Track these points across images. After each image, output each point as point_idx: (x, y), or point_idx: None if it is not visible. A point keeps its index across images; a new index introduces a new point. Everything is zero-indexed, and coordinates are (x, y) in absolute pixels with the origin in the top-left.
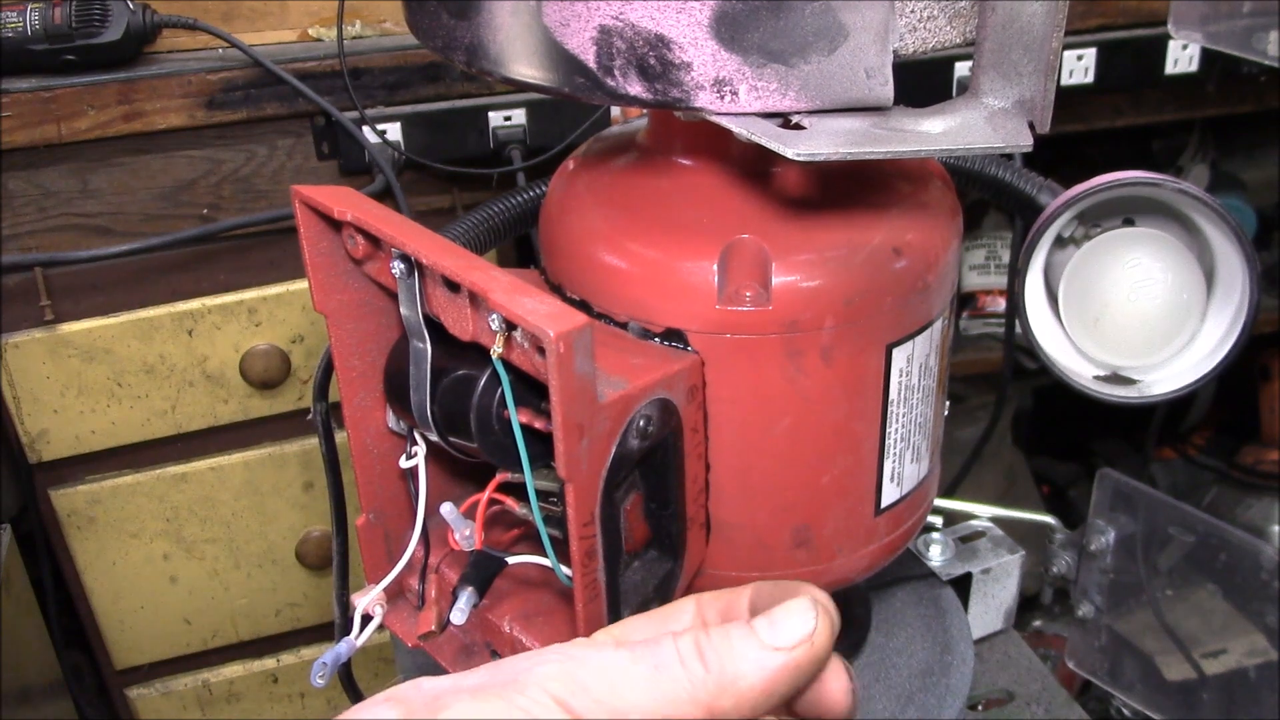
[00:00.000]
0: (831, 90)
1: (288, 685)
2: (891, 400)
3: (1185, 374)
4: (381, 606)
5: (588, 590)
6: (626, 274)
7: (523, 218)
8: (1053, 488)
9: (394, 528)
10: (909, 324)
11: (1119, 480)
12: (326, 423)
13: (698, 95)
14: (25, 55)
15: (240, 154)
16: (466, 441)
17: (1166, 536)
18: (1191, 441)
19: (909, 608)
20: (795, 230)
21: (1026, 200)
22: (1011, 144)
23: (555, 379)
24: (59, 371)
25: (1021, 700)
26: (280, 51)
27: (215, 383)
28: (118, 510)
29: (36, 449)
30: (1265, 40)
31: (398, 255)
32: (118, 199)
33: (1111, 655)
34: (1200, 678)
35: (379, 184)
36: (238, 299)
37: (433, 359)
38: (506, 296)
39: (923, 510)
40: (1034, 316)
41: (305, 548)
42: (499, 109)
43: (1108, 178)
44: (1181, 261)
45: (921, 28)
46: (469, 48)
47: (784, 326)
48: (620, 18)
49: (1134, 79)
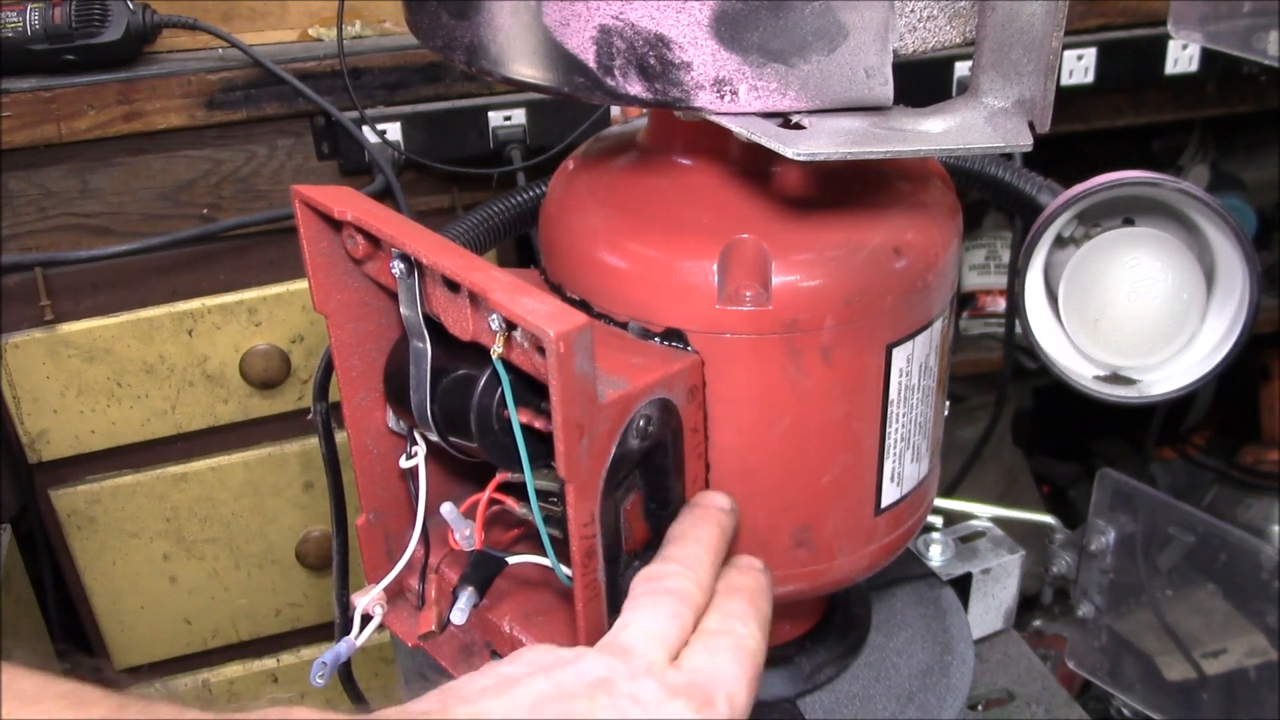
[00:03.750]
0: (831, 90)
1: (288, 685)
2: (891, 400)
3: (1185, 374)
4: (381, 606)
5: (588, 590)
6: (626, 274)
7: (523, 218)
8: (1053, 488)
9: (394, 528)
10: (909, 324)
11: (1119, 480)
12: (326, 423)
13: (698, 95)
14: (25, 55)
15: (240, 154)
16: (466, 441)
17: (1166, 536)
18: (1191, 441)
19: (909, 608)
20: (795, 230)
21: (1026, 200)
22: (1011, 144)
23: (555, 379)
24: (59, 371)
25: (1021, 700)
26: (280, 51)
27: (215, 383)
28: (118, 510)
29: (36, 449)
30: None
31: (398, 255)
32: (118, 199)
33: (1111, 655)
34: (1200, 678)
35: (379, 184)
36: (238, 299)
37: (433, 359)
38: (506, 296)
39: (923, 510)
40: (1034, 316)
41: (305, 548)
42: (499, 109)
43: (1108, 178)
44: (1181, 261)
45: (921, 27)
46: (469, 47)
47: (784, 326)
48: (620, 17)
49: (1134, 79)
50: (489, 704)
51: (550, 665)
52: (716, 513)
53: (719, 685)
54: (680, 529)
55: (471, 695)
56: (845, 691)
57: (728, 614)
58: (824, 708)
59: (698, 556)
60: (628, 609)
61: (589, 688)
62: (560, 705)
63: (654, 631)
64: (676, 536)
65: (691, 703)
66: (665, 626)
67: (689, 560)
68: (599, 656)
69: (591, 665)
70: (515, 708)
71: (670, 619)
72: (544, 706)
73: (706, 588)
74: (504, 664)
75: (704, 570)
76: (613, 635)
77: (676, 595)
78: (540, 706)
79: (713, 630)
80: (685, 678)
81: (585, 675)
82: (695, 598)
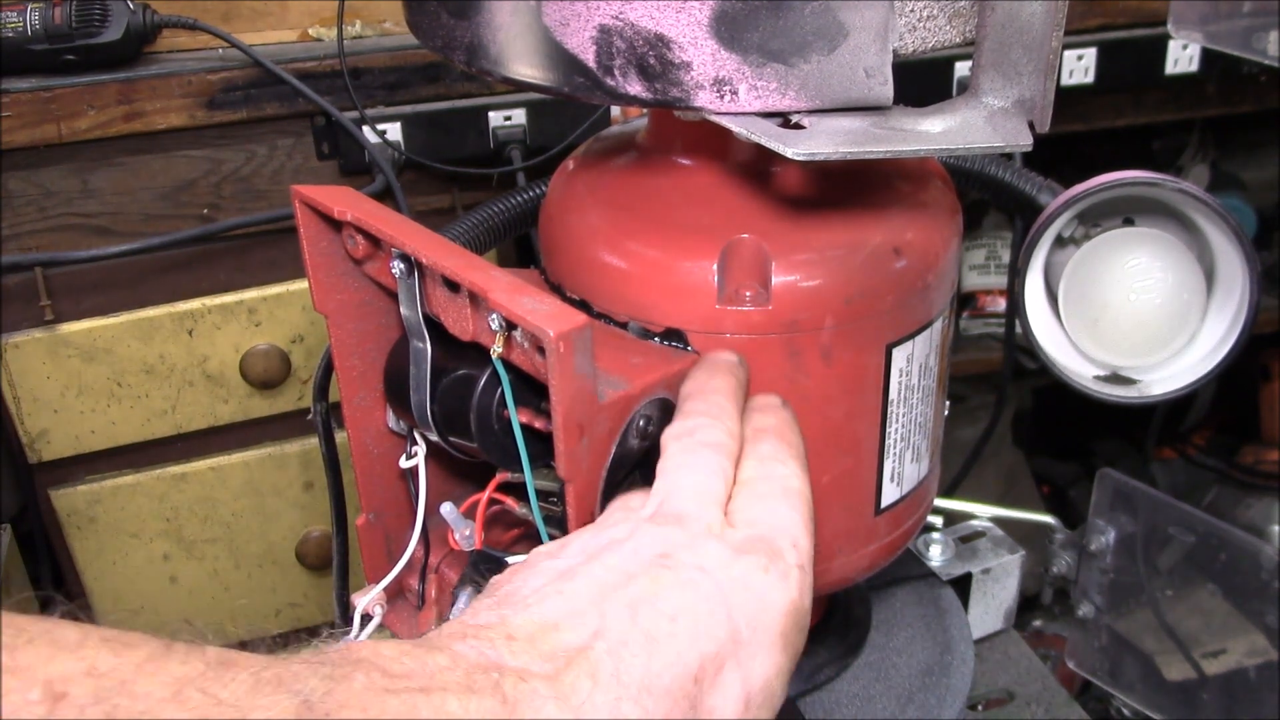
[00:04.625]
0: (831, 90)
1: None
2: (891, 400)
3: (1185, 374)
4: (381, 606)
5: None
6: (626, 274)
7: (523, 218)
8: (1053, 488)
9: (394, 528)
10: (909, 324)
11: (1119, 480)
12: (326, 423)
13: (697, 95)
14: (25, 55)
15: (240, 154)
16: (466, 441)
17: (1166, 536)
18: (1191, 441)
19: (909, 608)
20: (795, 230)
21: (1026, 200)
22: (1011, 144)
23: (555, 379)
24: (59, 371)
25: (1021, 700)
26: (280, 51)
27: (215, 383)
28: (118, 510)
29: (36, 449)
30: (1265, 40)
31: (398, 255)
32: (118, 199)
33: (1111, 655)
34: (1200, 678)
35: (379, 184)
36: (238, 299)
37: (433, 359)
38: (506, 296)
39: (923, 510)
40: (1034, 316)
41: (305, 548)
42: (499, 109)
43: (1108, 178)
44: (1181, 261)
45: (921, 27)
46: (469, 47)
47: (784, 326)
48: (620, 17)
49: (1134, 79)
50: (548, 605)
51: (603, 549)
52: (727, 364)
53: (781, 533)
54: (694, 384)
55: (528, 598)
56: (845, 691)
57: (763, 457)
58: (824, 708)
59: (721, 405)
60: (666, 471)
61: (650, 565)
62: (623, 592)
63: (703, 490)
64: (694, 391)
65: (760, 559)
66: (711, 483)
67: (714, 411)
68: (654, 528)
69: (649, 540)
70: (575, 603)
71: (713, 474)
72: (606, 595)
73: (738, 435)
74: (554, 556)
75: (731, 418)
76: (661, 503)
77: (713, 447)
78: (603, 596)
79: (754, 478)
80: (745, 533)
81: (643, 552)
82: (730, 447)
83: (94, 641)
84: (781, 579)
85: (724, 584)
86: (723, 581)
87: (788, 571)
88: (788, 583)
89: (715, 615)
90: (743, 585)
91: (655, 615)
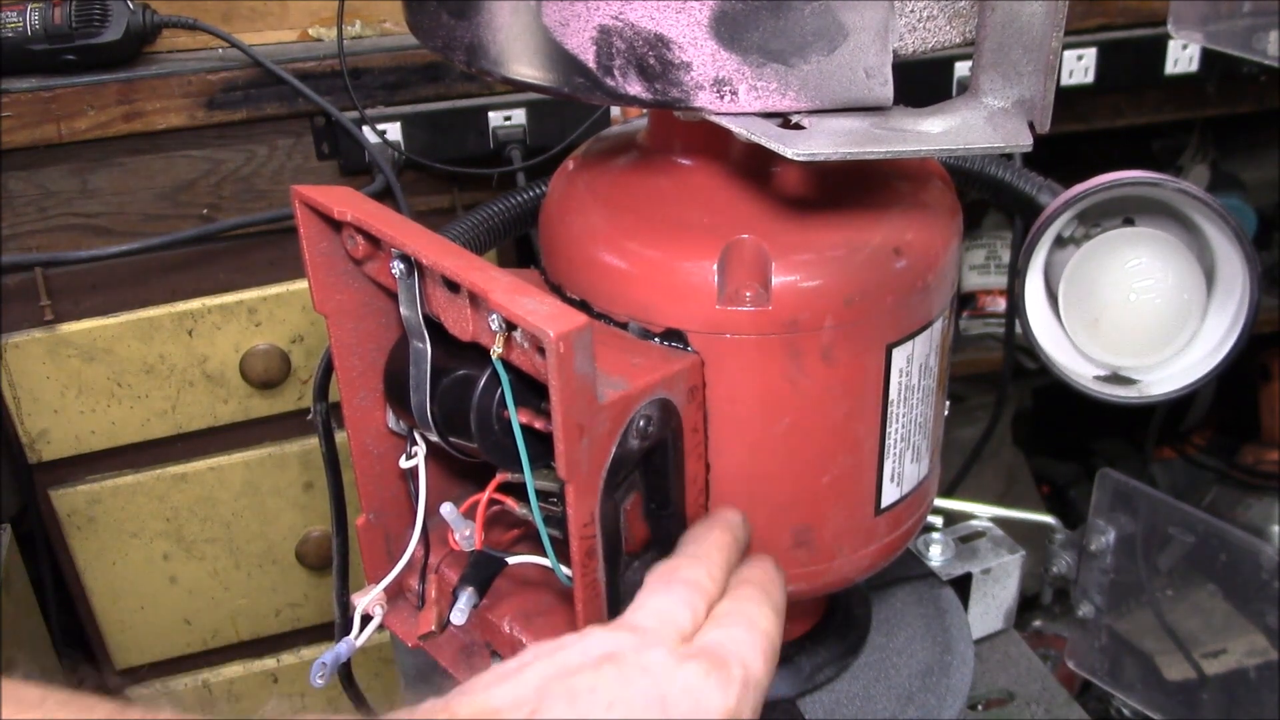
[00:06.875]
0: (831, 90)
1: (288, 685)
2: (891, 400)
3: (1185, 374)
4: (381, 606)
5: (588, 590)
6: (626, 274)
7: (523, 218)
8: (1053, 488)
9: (394, 528)
10: (909, 324)
11: (1119, 480)
12: (326, 423)
13: (697, 95)
14: (25, 55)
15: (240, 154)
16: (466, 441)
17: (1166, 536)
18: (1191, 441)
19: (909, 608)
20: (795, 230)
21: (1026, 200)
22: (1011, 144)
23: (555, 379)
24: (59, 371)
25: (1021, 700)
26: (280, 51)
27: (215, 383)
28: (118, 510)
29: (36, 449)
30: (1265, 40)
31: (398, 255)
32: (118, 199)
33: (1111, 655)
34: (1200, 678)
35: (379, 184)
36: (238, 299)
37: (433, 359)
38: (506, 296)
39: (923, 510)
40: (1034, 316)
41: (305, 548)
42: (499, 109)
43: (1108, 178)
44: (1181, 261)
45: (921, 28)
46: (469, 48)
47: (784, 326)
48: (620, 17)
49: (1134, 79)
50: (494, 693)
51: (554, 649)
52: (726, 520)
53: (732, 652)
54: (691, 533)
55: (477, 689)
56: (845, 691)
57: (738, 598)
58: (824, 708)
59: (708, 552)
60: (637, 598)
61: (596, 661)
62: (566, 681)
63: (664, 612)
64: (689, 539)
65: (703, 665)
66: (676, 609)
67: (700, 554)
68: (606, 633)
69: (598, 641)
70: (520, 691)
71: (680, 603)
72: (550, 685)
73: (719, 580)
74: (508, 661)
75: (715, 565)
76: (623, 617)
77: (688, 584)
78: (546, 685)
79: (723, 613)
80: (696, 646)
81: (591, 651)
82: (707, 588)
83: (54, 702)
84: (721, 686)
85: (663, 683)
86: (662, 681)
87: (729, 681)
88: (726, 692)
89: (650, 710)
90: (682, 687)
91: (593, 703)
